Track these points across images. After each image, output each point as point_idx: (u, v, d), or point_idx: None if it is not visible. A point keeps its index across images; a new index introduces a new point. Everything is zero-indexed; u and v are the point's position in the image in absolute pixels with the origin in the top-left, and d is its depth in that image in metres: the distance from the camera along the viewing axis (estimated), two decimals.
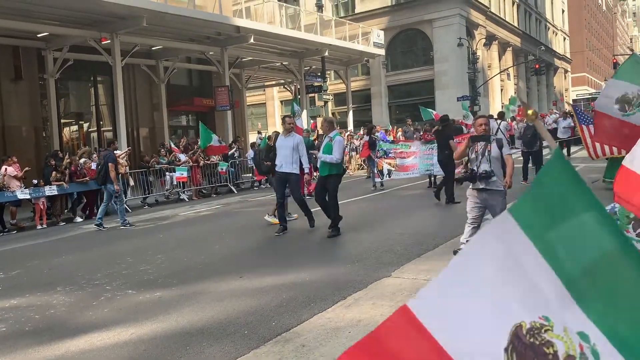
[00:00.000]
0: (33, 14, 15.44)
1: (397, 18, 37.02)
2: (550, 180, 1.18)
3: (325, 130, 8.73)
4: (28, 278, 7.02)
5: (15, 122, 17.60)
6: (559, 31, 65.94)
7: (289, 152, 8.63)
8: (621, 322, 1.08)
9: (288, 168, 8.62)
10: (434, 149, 13.61)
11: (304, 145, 8.90)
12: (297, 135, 8.96)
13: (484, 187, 5.80)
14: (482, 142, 5.85)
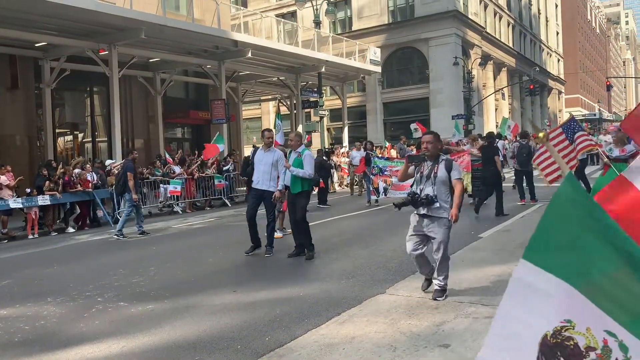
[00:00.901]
0: (32, 24, 15.48)
1: (394, 36, 37.40)
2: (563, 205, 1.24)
3: (293, 145, 8.13)
4: (18, 288, 6.93)
5: (9, 131, 17.54)
6: (553, 53, 66.72)
7: (268, 168, 8.05)
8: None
9: (265, 185, 8.04)
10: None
11: (284, 162, 8.18)
12: (278, 151, 8.38)
13: (424, 213, 5.27)
14: (430, 162, 5.32)
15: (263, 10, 34.88)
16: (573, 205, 1.24)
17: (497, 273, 6.14)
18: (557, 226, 1.29)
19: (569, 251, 1.28)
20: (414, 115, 36.83)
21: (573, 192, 1.23)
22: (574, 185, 1.23)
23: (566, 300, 1.30)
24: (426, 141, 5.38)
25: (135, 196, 11.04)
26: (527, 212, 11.48)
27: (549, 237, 1.33)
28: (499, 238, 8.57)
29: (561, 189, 1.29)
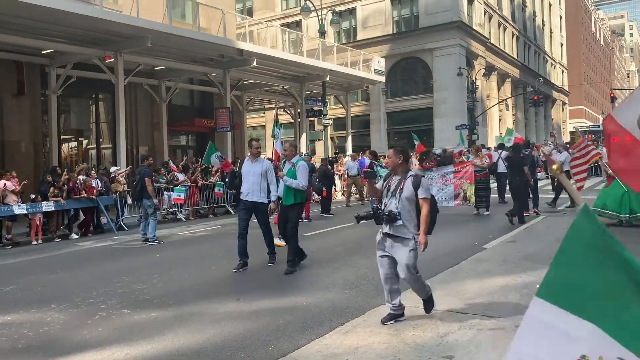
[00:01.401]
0: (39, 31, 15.59)
1: (398, 46, 37.54)
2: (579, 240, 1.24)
3: (288, 155, 7.97)
4: (22, 294, 6.94)
5: (15, 137, 17.62)
6: (557, 64, 66.83)
7: (257, 179, 7.82)
8: None
9: (256, 196, 7.81)
10: (433, 179, 13.67)
11: (273, 172, 8.06)
12: (266, 161, 8.21)
13: (387, 231, 4.94)
14: (398, 177, 5.00)
15: (268, 20, 35.07)
16: (589, 240, 1.24)
17: (502, 284, 6.12)
18: (574, 262, 1.28)
19: (586, 288, 1.27)
20: (417, 125, 36.94)
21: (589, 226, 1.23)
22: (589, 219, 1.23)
23: (585, 338, 1.29)
24: (390, 155, 5.16)
25: (156, 200, 11.39)
26: (531, 222, 11.46)
27: (565, 274, 1.32)
28: (504, 249, 8.55)
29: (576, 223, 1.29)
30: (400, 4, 38.40)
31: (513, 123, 47.31)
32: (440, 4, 36.11)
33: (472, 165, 13.53)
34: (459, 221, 12.73)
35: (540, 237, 9.60)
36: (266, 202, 7.92)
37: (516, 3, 50.88)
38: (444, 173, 13.64)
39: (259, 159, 8.02)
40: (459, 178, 13.33)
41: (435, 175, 13.73)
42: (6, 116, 17.39)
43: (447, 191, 13.46)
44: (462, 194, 13.23)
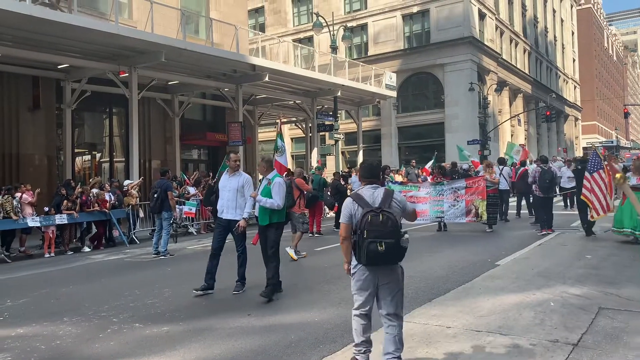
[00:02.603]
0: (55, 46, 15.83)
1: (410, 61, 37.67)
2: None
3: (262, 171, 7.27)
4: (35, 307, 6.97)
5: (30, 150, 17.83)
6: (569, 79, 66.61)
7: (233, 195, 7.22)
8: None
9: (231, 214, 7.23)
10: (443, 194, 13.59)
11: (252, 187, 7.39)
12: (244, 175, 7.47)
13: None
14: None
15: (280, 35, 35.40)
16: None
17: (516, 302, 6.05)
18: None
19: None
20: (429, 140, 36.93)
21: None
22: None
23: None
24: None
25: (175, 212, 11.80)
26: (545, 239, 11.33)
27: None
28: (517, 266, 8.46)
29: None
30: (411, 20, 38.60)
31: (525, 138, 47.10)
32: (451, 20, 36.25)
33: (484, 180, 13.40)
34: (471, 237, 12.65)
35: (554, 253, 9.49)
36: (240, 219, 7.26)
37: (528, 19, 50.93)
38: (456, 188, 13.53)
39: (236, 172, 7.39)
40: (471, 194, 13.23)
41: (447, 190, 13.64)
42: (22, 129, 17.62)
43: (458, 207, 13.37)
44: (474, 211, 13.12)
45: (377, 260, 3.88)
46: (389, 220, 3.84)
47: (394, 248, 3.83)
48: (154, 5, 16.76)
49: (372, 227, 3.83)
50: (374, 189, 4.09)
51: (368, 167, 4.26)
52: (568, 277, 7.28)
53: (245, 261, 7.36)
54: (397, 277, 4.06)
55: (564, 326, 5.09)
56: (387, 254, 3.84)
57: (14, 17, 12.97)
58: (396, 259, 3.94)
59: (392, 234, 3.83)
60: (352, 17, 40.05)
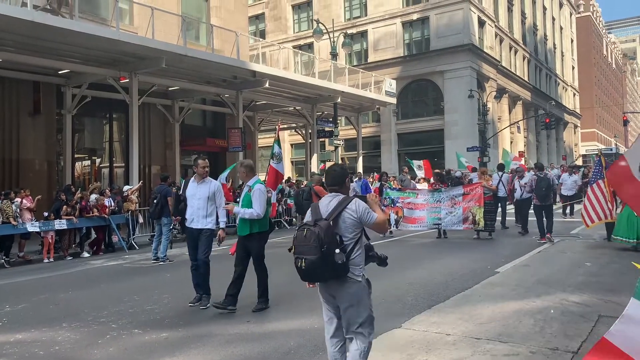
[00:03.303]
0: (56, 52, 15.88)
1: (409, 68, 37.78)
2: None
3: (242, 176, 6.85)
4: (34, 312, 6.96)
5: (30, 155, 17.84)
6: (569, 87, 66.81)
7: (203, 203, 6.85)
8: None
9: (201, 223, 6.85)
10: (441, 201, 13.57)
11: (222, 194, 7.06)
12: (214, 182, 7.09)
13: None
14: None
15: (281, 42, 35.51)
16: None
17: (516, 309, 6.04)
18: None
19: None
20: (428, 146, 36.96)
21: None
22: None
23: None
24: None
25: (175, 218, 11.71)
26: (544, 246, 11.33)
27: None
28: (517, 273, 8.46)
29: None
30: (411, 27, 38.75)
31: (525, 145, 47.20)
32: (451, 27, 36.38)
33: (482, 187, 13.36)
34: (471, 244, 12.64)
35: (554, 261, 9.48)
36: (212, 228, 6.92)
37: (527, 26, 51.13)
38: (453, 195, 13.51)
39: (205, 179, 6.99)
40: (468, 201, 13.21)
41: (444, 197, 13.63)
42: (22, 135, 17.64)
43: (455, 214, 13.34)
44: (471, 218, 13.09)
45: (304, 277, 3.60)
46: (312, 236, 3.46)
47: (318, 265, 3.44)
48: (155, 12, 16.82)
49: (297, 243, 3.56)
50: (332, 197, 3.75)
51: (332, 174, 3.89)
52: (568, 285, 7.28)
53: (208, 271, 6.95)
54: (346, 293, 3.59)
55: (564, 334, 5.08)
56: (310, 272, 3.49)
57: (16, 23, 13.03)
58: (327, 276, 3.53)
59: (314, 250, 3.43)
60: (352, 24, 40.20)
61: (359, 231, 3.67)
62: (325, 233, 3.47)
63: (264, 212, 6.45)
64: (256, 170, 7.26)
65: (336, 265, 3.47)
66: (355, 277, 3.59)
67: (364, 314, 3.66)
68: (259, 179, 6.75)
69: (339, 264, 3.47)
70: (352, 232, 3.62)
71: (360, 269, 3.64)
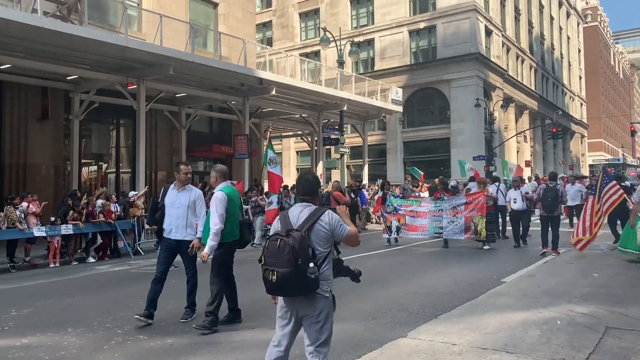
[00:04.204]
0: (65, 58, 16.00)
1: (416, 77, 37.83)
2: None
3: (212, 182, 6.40)
4: (40, 317, 6.97)
5: (37, 159, 17.93)
6: (576, 97, 66.67)
7: (183, 212, 6.40)
8: None
9: (180, 234, 6.40)
10: (443, 210, 13.53)
11: (203, 203, 6.59)
12: (195, 190, 6.64)
13: None
14: None
15: (288, 50, 35.70)
16: None
17: (522, 319, 6.00)
18: None
19: None
20: (434, 155, 36.94)
21: None
22: None
23: None
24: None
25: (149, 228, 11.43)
26: (551, 256, 11.27)
27: None
28: (523, 283, 8.41)
29: None
30: (418, 36, 38.82)
31: (531, 155, 47.08)
32: (458, 36, 36.44)
33: (485, 196, 13.27)
34: (476, 254, 12.60)
35: (560, 271, 9.43)
36: (193, 239, 6.44)
37: (534, 36, 51.14)
38: (455, 205, 13.45)
39: (186, 187, 6.54)
40: (470, 210, 13.15)
41: (446, 206, 13.57)
42: (30, 139, 17.75)
43: (457, 224, 13.29)
44: (473, 228, 13.02)
45: (272, 290, 3.44)
46: (286, 247, 3.30)
47: (290, 279, 3.29)
48: (163, 19, 16.93)
49: (268, 254, 3.38)
50: (303, 207, 3.61)
51: (304, 183, 3.74)
52: (574, 296, 7.23)
53: (196, 286, 6.59)
54: (314, 308, 3.48)
55: (570, 345, 5.04)
56: (281, 285, 3.33)
57: (26, 29, 13.14)
58: (297, 291, 3.38)
59: (287, 262, 3.28)
60: (359, 32, 40.33)
61: (330, 244, 3.56)
62: (299, 245, 3.31)
63: (223, 220, 5.93)
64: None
65: (309, 280, 3.32)
66: (323, 292, 3.46)
67: (326, 332, 3.55)
68: (228, 185, 6.28)
69: (312, 279, 3.33)
70: (323, 246, 3.50)
71: (328, 284, 3.52)
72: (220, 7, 24.72)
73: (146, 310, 6.31)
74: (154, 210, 6.75)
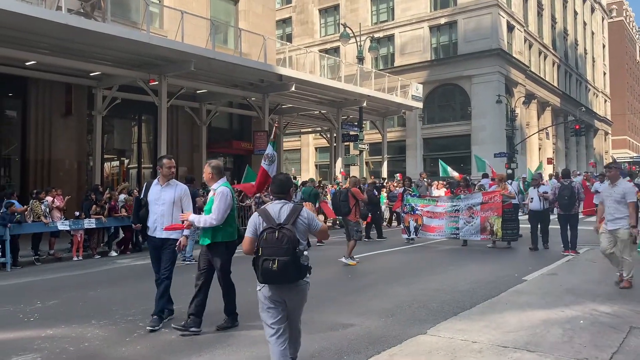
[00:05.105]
0: (88, 54, 16.22)
1: (436, 73, 37.54)
2: None
3: (207, 179, 5.96)
4: (64, 309, 7.11)
5: (61, 155, 18.24)
6: (600, 93, 65.53)
7: (168, 209, 6.05)
8: None
9: (165, 232, 6.03)
10: (460, 211, 13.39)
11: (189, 199, 6.26)
12: (181, 185, 6.31)
13: None
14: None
15: (307, 46, 35.67)
16: None
17: (543, 318, 5.94)
18: None
19: None
20: (454, 152, 36.62)
21: None
22: None
23: None
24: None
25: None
26: (572, 255, 11.11)
27: None
28: (545, 282, 8.32)
29: None
30: (439, 31, 38.51)
31: (553, 152, 46.44)
32: (479, 32, 36.05)
33: (501, 195, 13.06)
34: (497, 252, 12.49)
35: (583, 270, 9.31)
36: (179, 238, 6.10)
37: (557, 31, 50.36)
38: (471, 205, 13.30)
39: (171, 182, 6.22)
40: (486, 210, 12.99)
41: (462, 206, 13.43)
42: (54, 135, 18.06)
43: (473, 224, 13.15)
44: (489, 228, 12.87)
45: (272, 278, 3.79)
46: (284, 238, 3.77)
47: (289, 266, 3.73)
48: (185, 15, 17.05)
49: (267, 245, 3.78)
50: (282, 204, 4.04)
51: (278, 182, 4.20)
52: (598, 295, 7.13)
53: (168, 289, 6.15)
54: (301, 294, 3.99)
55: (593, 345, 4.98)
56: (281, 272, 3.74)
57: (50, 26, 13.35)
58: (294, 277, 3.81)
59: (287, 251, 3.73)
60: (379, 28, 40.15)
61: (307, 237, 4.14)
62: (294, 236, 3.81)
63: (223, 219, 5.66)
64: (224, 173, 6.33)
65: (302, 267, 3.81)
66: (306, 278, 3.95)
67: (301, 312, 4.16)
68: (226, 182, 5.94)
69: (305, 266, 3.82)
70: (303, 238, 3.96)
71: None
72: (240, 3, 24.81)
73: (154, 315, 6.02)
74: (138, 208, 6.24)
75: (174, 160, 6.34)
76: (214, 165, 5.91)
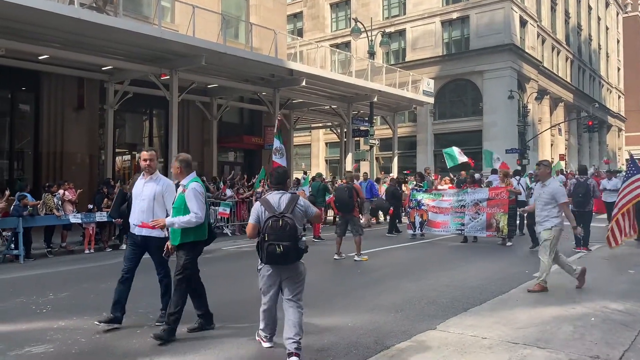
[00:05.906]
0: (100, 48, 16.31)
1: (448, 68, 37.30)
2: None
3: (176, 173, 5.57)
4: (76, 301, 7.18)
5: (73, 148, 18.39)
6: (613, 89, 64.80)
7: (148, 205, 5.69)
8: None
9: (146, 230, 5.63)
10: (465, 206, 13.30)
11: (172, 194, 5.66)
12: (163, 179, 5.90)
13: None
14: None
15: (318, 41, 35.61)
16: None
17: (554, 315, 5.91)
18: None
19: None
20: (466, 147, 36.24)
21: None
22: None
23: None
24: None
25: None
26: (584, 252, 11.03)
27: None
28: (556, 278, 8.25)
29: None
30: (450, 26, 38.25)
31: (566, 148, 46.03)
32: (492, 27, 35.76)
33: (507, 192, 12.93)
34: (505, 248, 12.42)
35: (595, 267, 9.22)
36: (162, 236, 5.68)
37: (571, 26, 49.82)
38: (478, 200, 13.20)
39: (153, 176, 5.80)
40: (492, 207, 12.90)
41: (468, 201, 13.33)
42: (66, 129, 18.20)
43: (479, 220, 13.06)
44: (495, 225, 12.77)
45: (276, 260, 4.49)
46: (287, 225, 4.44)
47: (291, 250, 4.44)
48: (196, 10, 17.07)
49: (272, 231, 4.45)
50: (281, 194, 4.73)
51: (277, 175, 4.90)
52: (610, 292, 7.07)
53: (170, 287, 5.83)
54: (298, 272, 4.69)
55: (604, 342, 4.94)
56: (284, 255, 4.45)
57: (63, 20, 13.43)
58: (294, 258, 4.54)
59: (290, 237, 4.43)
60: (390, 23, 39.95)
61: (303, 223, 4.80)
62: (294, 223, 4.47)
63: (205, 214, 5.36)
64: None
65: (300, 250, 4.53)
66: (302, 260, 4.68)
67: (302, 287, 4.77)
68: (196, 177, 5.55)
69: (303, 249, 4.54)
70: (300, 224, 4.62)
71: None
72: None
73: (111, 314, 5.72)
74: (120, 202, 5.87)
75: (153, 152, 5.88)
76: (182, 159, 5.58)
